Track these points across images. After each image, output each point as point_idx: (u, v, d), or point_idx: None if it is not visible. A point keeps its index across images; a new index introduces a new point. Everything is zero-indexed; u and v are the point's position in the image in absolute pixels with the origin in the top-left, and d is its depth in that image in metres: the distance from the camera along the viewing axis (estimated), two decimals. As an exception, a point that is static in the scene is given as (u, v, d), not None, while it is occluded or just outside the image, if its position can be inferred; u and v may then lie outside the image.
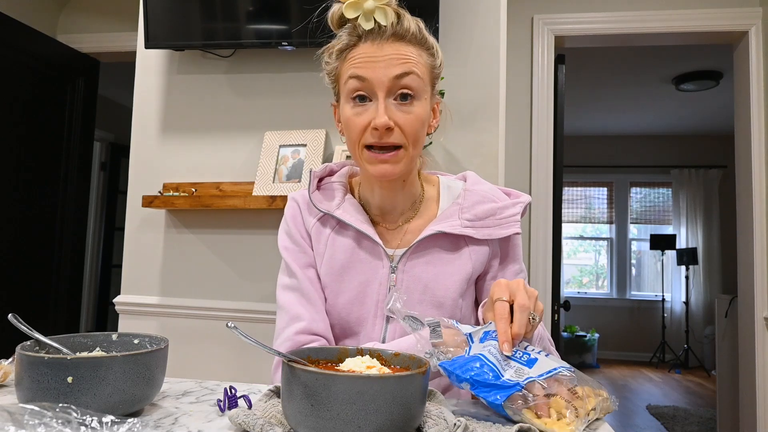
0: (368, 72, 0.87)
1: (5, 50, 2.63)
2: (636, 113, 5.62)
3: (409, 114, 0.88)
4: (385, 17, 0.87)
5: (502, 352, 0.72)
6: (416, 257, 0.95)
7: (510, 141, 2.52)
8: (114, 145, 5.03)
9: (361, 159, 0.91)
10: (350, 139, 0.91)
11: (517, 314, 0.75)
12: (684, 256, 6.18)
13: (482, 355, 0.72)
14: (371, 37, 0.89)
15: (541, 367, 0.71)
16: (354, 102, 0.89)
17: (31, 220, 2.82)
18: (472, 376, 0.69)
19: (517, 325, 0.74)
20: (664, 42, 2.76)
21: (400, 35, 0.89)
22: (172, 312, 1.86)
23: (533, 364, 0.71)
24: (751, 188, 2.56)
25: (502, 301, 0.76)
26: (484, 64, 1.74)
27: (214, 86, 1.90)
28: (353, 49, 0.90)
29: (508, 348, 0.72)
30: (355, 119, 0.89)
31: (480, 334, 0.76)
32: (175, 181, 1.89)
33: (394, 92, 0.88)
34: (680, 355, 6.25)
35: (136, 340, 0.77)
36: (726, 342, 3.48)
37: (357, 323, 0.96)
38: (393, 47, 0.88)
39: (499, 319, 0.75)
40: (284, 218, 1.04)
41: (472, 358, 0.72)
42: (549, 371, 0.70)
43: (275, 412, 0.65)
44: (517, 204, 0.99)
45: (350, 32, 0.91)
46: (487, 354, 0.72)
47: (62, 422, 0.51)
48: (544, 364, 0.71)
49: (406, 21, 0.90)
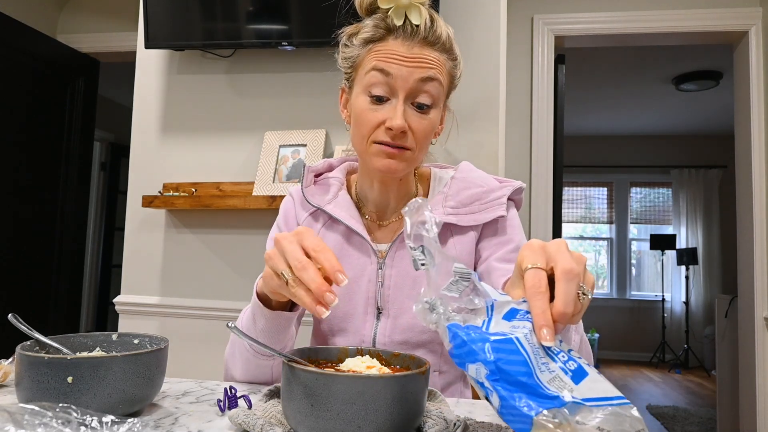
0: (394, 68, 0.84)
1: (5, 50, 2.63)
2: (636, 113, 5.62)
3: (424, 120, 0.87)
4: (419, 16, 0.85)
5: (540, 341, 0.49)
6: (403, 250, 0.94)
7: (510, 141, 2.52)
8: (114, 145, 5.03)
9: (367, 152, 0.89)
10: (359, 133, 0.89)
11: (562, 284, 0.51)
12: (684, 256, 6.18)
13: (516, 338, 0.49)
14: (402, 35, 0.86)
15: (591, 387, 0.47)
16: (372, 99, 0.87)
17: (31, 220, 2.82)
18: (495, 360, 0.48)
19: (562, 301, 0.50)
20: (664, 42, 2.76)
21: (431, 42, 0.87)
22: (172, 312, 1.86)
23: (581, 379, 0.47)
24: (751, 188, 2.56)
25: (536, 268, 0.53)
26: (484, 64, 1.74)
27: (214, 86, 1.90)
28: (381, 42, 0.87)
29: (549, 336, 0.49)
30: (368, 114, 0.87)
31: (506, 309, 0.53)
32: (175, 181, 1.89)
33: (413, 96, 0.86)
34: (680, 355, 6.25)
35: (136, 340, 0.77)
36: (726, 342, 3.48)
37: (344, 319, 0.95)
38: (422, 51, 0.86)
39: (533, 293, 0.51)
40: (278, 217, 1.05)
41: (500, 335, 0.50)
42: (603, 399, 0.46)
43: (275, 412, 0.65)
44: (505, 187, 0.96)
45: (378, 24, 0.87)
46: (522, 338, 0.49)
47: (62, 422, 0.51)
48: (595, 385, 0.47)
49: (439, 28, 0.87)
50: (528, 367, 0.47)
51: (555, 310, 0.50)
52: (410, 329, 0.92)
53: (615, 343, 6.63)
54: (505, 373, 0.47)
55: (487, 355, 0.48)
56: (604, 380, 0.48)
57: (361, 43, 0.89)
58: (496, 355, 0.48)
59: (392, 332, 0.92)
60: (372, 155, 0.88)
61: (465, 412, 0.74)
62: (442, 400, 0.70)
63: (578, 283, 0.52)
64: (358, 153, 0.94)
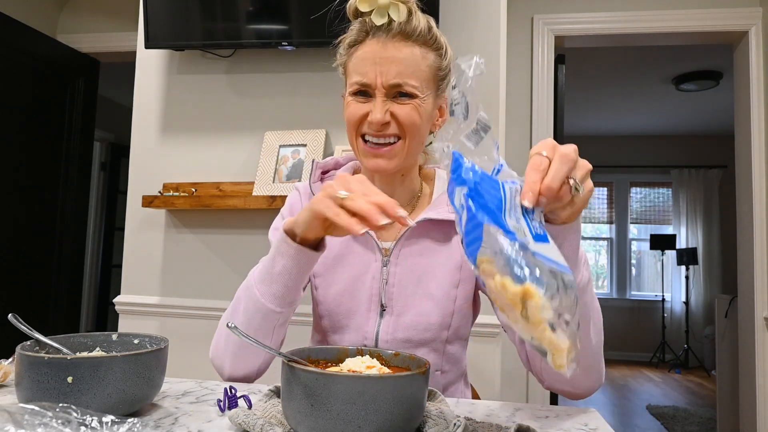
0: (370, 77, 0.88)
1: (5, 50, 2.63)
2: (636, 113, 5.62)
3: (407, 107, 0.89)
4: (398, 13, 0.87)
5: (522, 200, 0.57)
6: (408, 248, 0.95)
7: (510, 141, 2.52)
8: (114, 145, 5.03)
9: (358, 150, 0.93)
10: (349, 130, 0.93)
11: (556, 163, 0.60)
12: (684, 256, 6.18)
13: (502, 185, 0.58)
14: (378, 34, 0.89)
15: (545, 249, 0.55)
16: (355, 97, 0.91)
17: (31, 220, 2.82)
18: (479, 184, 0.55)
19: (551, 176, 0.59)
20: (664, 42, 2.76)
21: (407, 34, 0.88)
22: (172, 312, 1.86)
23: (540, 241, 0.55)
24: (751, 188, 2.56)
25: (540, 155, 0.61)
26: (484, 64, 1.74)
27: (214, 86, 1.90)
28: (359, 45, 0.91)
29: (531, 198, 0.57)
30: (354, 109, 0.91)
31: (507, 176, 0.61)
32: (175, 181, 1.89)
33: (393, 92, 0.89)
34: (680, 355, 6.25)
35: (136, 340, 0.77)
36: (726, 342, 3.48)
37: (346, 315, 0.95)
38: (396, 47, 0.88)
39: (531, 170, 0.60)
40: (282, 208, 1.05)
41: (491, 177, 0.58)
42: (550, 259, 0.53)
43: (275, 412, 0.65)
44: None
45: (360, 27, 0.92)
46: (507, 189, 0.57)
47: (62, 422, 0.51)
48: (550, 250, 0.55)
49: (415, 19, 0.89)
50: (501, 204, 0.55)
51: (543, 183, 0.58)
52: (413, 327, 0.92)
53: (615, 343, 6.63)
54: (480, 195, 0.55)
55: (474, 177, 0.56)
56: (559, 253, 0.56)
57: (345, 48, 0.94)
58: (481, 182, 0.56)
59: (395, 330, 0.93)
60: (361, 155, 0.93)
61: (465, 412, 0.74)
62: (442, 400, 0.70)
63: (570, 168, 0.60)
64: (353, 153, 0.96)
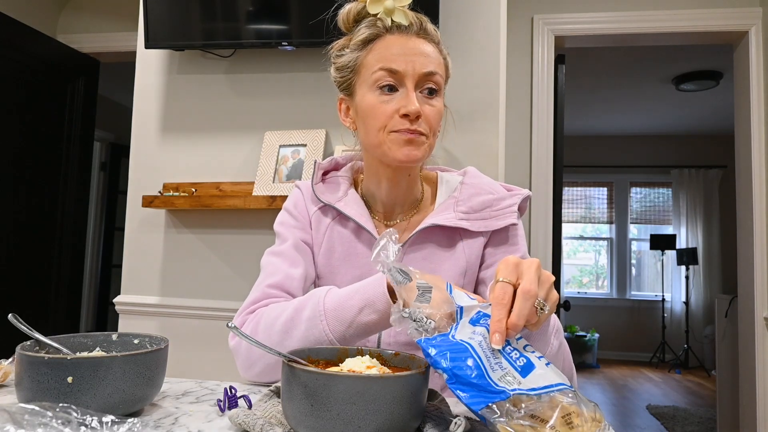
0: (401, 65, 0.89)
1: (5, 50, 2.63)
2: (636, 113, 5.62)
3: (433, 107, 0.91)
4: (405, 18, 0.92)
5: (491, 344, 0.60)
6: (413, 252, 0.96)
7: (510, 141, 2.52)
8: (114, 145, 5.03)
9: (385, 144, 0.91)
10: (374, 126, 0.91)
11: (519, 301, 0.61)
12: (684, 256, 6.18)
13: (470, 345, 0.60)
14: (397, 31, 0.92)
15: (536, 378, 0.58)
16: (381, 91, 0.90)
17: (31, 221, 2.82)
18: (451, 368, 0.58)
19: (516, 315, 0.60)
20: (664, 42, 2.76)
21: (422, 36, 0.93)
22: (172, 312, 1.86)
23: (528, 372, 0.59)
24: (751, 188, 2.56)
25: (504, 282, 0.62)
26: (484, 64, 1.74)
27: (214, 86, 1.90)
28: (380, 39, 0.92)
29: (499, 340, 0.59)
30: (382, 106, 0.90)
31: (473, 313, 0.63)
32: (175, 181, 1.89)
33: (421, 86, 0.91)
34: (680, 355, 6.25)
35: (136, 340, 0.77)
36: (726, 342, 3.48)
37: None
38: (419, 42, 0.92)
39: (495, 303, 0.61)
40: (285, 204, 1.06)
41: (457, 344, 0.60)
42: (545, 387, 0.57)
43: (275, 412, 0.65)
44: (515, 195, 1.00)
45: (372, 24, 0.93)
46: (476, 346, 0.60)
47: (62, 422, 0.51)
48: (540, 376, 0.59)
49: (426, 24, 0.94)
50: (480, 369, 0.58)
51: (509, 320, 0.60)
52: None
53: (615, 343, 6.63)
54: (459, 377, 0.58)
55: (446, 364, 0.58)
56: (550, 370, 0.60)
57: (358, 46, 0.94)
58: (452, 363, 0.58)
59: (398, 333, 0.93)
60: (391, 145, 0.90)
61: (465, 412, 0.74)
62: (442, 400, 0.70)
63: (533, 302, 0.61)
64: (371, 150, 0.95)
